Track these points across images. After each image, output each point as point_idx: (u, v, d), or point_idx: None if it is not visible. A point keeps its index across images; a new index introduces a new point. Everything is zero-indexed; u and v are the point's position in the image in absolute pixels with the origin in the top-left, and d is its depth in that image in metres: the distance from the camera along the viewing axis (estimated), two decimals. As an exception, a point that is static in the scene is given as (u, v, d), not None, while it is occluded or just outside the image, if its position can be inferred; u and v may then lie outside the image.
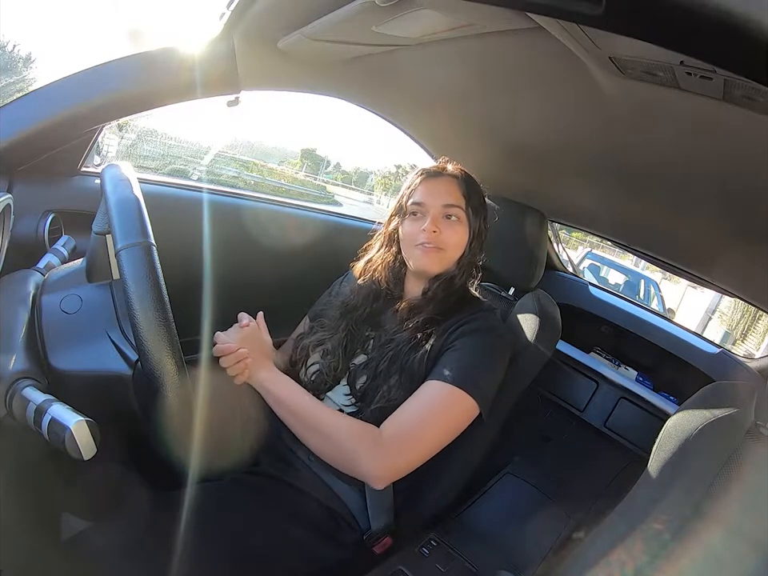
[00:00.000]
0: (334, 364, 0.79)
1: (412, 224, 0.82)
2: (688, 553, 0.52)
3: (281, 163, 7.15)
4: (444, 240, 0.80)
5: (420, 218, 0.81)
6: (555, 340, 1.04)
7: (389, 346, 0.78)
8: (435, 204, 0.80)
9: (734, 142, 0.61)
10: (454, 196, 0.81)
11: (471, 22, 0.59)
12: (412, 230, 0.81)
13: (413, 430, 0.69)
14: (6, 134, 0.67)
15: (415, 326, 0.78)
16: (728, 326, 6.20)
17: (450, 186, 0.82)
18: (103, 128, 0.85)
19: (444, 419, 0.71)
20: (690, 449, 0.61)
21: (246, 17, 0.70)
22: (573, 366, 1.55)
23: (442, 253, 0.80)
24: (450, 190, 0.82)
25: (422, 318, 0.79)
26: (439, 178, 0.83)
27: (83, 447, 0.47)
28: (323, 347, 0.82)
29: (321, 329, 0.86)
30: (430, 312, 0.79)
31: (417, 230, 0.80)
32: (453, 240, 0.81)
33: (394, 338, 0.79)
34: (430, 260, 0.80)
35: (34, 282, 0.63)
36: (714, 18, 0.26)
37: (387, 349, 0.78)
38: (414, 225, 0.81)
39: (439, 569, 0.72)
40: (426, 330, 0.78)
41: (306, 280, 1.00)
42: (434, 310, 0.80)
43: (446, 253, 0.81)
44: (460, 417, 0.72)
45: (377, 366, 0.77)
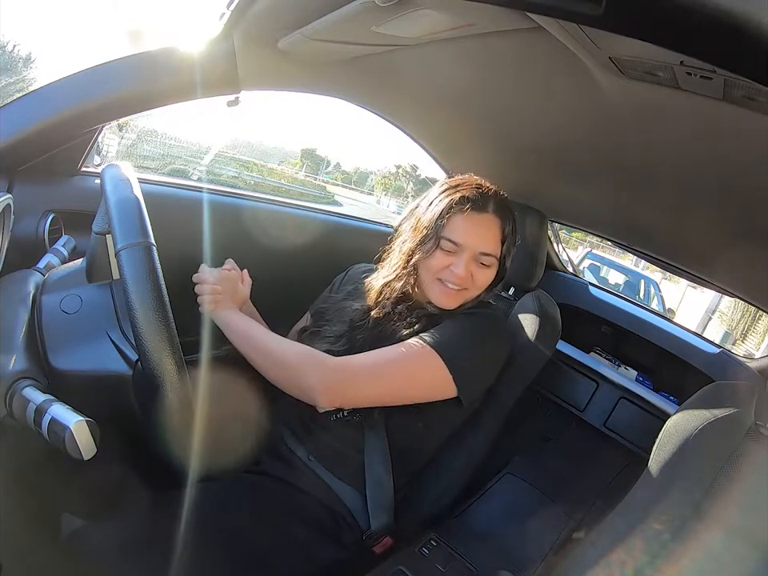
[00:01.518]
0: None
1: (441, 258, 0.76)
2: (688, 553, 0.52)
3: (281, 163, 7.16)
4: (470, 282, 0.78)
5: (451, 255, 0.76)
6: (555, 340, 1.04)
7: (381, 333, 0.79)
8: (474, 247, 0.75)
9: (734, 141, 0.61)
10: (494, 242, 0.77)
11: (471, 22, 0.59)
12: (440, 264, 0.76)
13: (369, 361, 0.71)
14: (6, 133, 0.67)
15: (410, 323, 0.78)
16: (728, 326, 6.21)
17: (493, 228, 0.77)
18: (103, 128, 0.85)
19: (406, 367, 0.71)
20: (690, 449, 0.61)
21: (246, 17, 0.70)
22: (573, 366, 1.55)
23: (464, 292, 0.78)
24: (492, 233, 0.77)
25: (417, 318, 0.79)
26: (483, 216, 0.76)
27: (83, 447, 0.47)
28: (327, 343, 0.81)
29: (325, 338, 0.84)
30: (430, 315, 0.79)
31: (445, 266, 0.76)
32: (479, 283, 0.79)
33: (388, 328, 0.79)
34: (449, 299, 0.78)
35: (34, 282, 0.63)
36: (714, 18, 0.26)
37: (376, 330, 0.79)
38: (444, 260, 0.76)
39: (439, 569, 0.72)
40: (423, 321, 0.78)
41: (305, 280, 1.00)
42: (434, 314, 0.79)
43: (468, 292, 0.79)
44: (425, 374, 0.72)
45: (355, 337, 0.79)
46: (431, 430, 0.80)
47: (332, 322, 0.86)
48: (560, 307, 1.09)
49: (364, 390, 0.70)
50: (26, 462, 0.57)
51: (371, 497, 0.75)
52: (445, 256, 0.76)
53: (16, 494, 0.53)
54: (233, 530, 0.66)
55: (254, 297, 1.16)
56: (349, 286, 0.93)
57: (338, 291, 0.94)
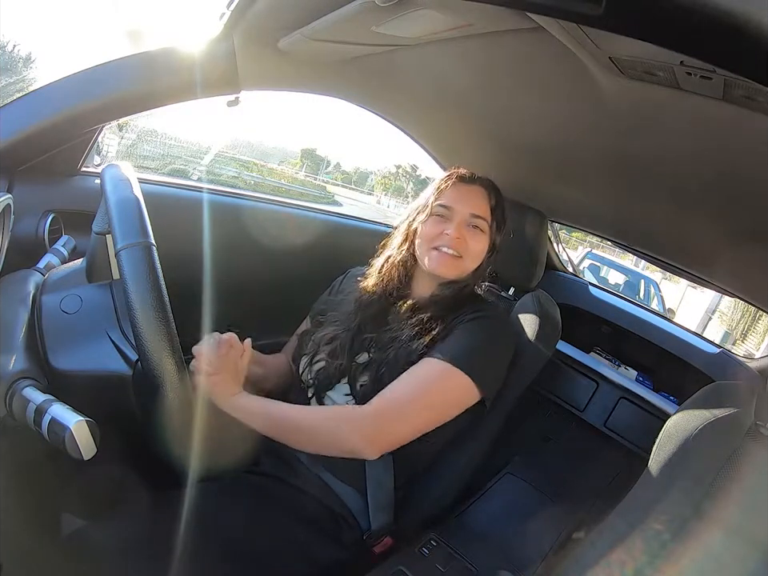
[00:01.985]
0: (339, 362, 0.79)
1: (434, 225, 0.80)
2: (688, 553, 0.52)
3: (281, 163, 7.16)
4: (465, 247, 0.79)
5: (444, 221, 0.80)
6: (555, 340, 1.04)
7: (390, 346, 0.77)
8: (463, 211, 0.80)
9: (734, 141, 0.61)
10: (483, 207, 0.81)
11: (471, 22, 0.59)
12: (433, 230, 0.80)
13: (399, 400, 0.70)
14: (6, 133, 0.67)
15: (417, 324, 0.78)
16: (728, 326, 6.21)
17: (481, 195, 0.82)
18: (103, 128, 0.85)
19: (434, 393, 0.71)
20: (690, 449, 0.61)
21: (246, 17, 0.70)
22: (573, 366, 1.55)
23: (460, 261, 0.80)
24: (480, 199, 0.82)
25: (426, 317, 0.78)
26: (471, 186, 0.83)
27: (83, 447, 0.47)
28: (331, 346, 0.81)
29: (332, 324, 0.85)
30: (434, 311, 0.79)
31: (438, 231, 0.79)
32: (474, 250, 0.80)
33: (395, 336, 0.78)
34: (446, 266, 0.79)
35: (34, 282, 0.63)
36: (714, 18, 0.26)
37: (389, 349, 0.77)
38: (437, 226, 0.80)
39: (439, 569, 0.72)
40: (428, 326, 0.77)
41: (305, 280, 1.00)
42: (438, 309, 0.79)
43: (464, 261, 0.80)
44: (453, 393, 0.72)
45: (378, 367, 0.76)
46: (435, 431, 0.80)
47: (332, 322, 0.86)
48: (560, 307, 1.09)
49: (404, 429, 0.70)
50: (26, 462, 0.57)
51: (371, 497, 0.75)
52: (438, 222, 0.80)
53: (16, 493, 0.53)
54: (233, 530, 0.66)
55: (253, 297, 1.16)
56: (347, 287, 0.93)
57: (338, 293, 0.94)
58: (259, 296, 1.16)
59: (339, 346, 0.80)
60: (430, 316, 0.78)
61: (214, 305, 0.81)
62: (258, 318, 1.12)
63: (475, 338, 0.75)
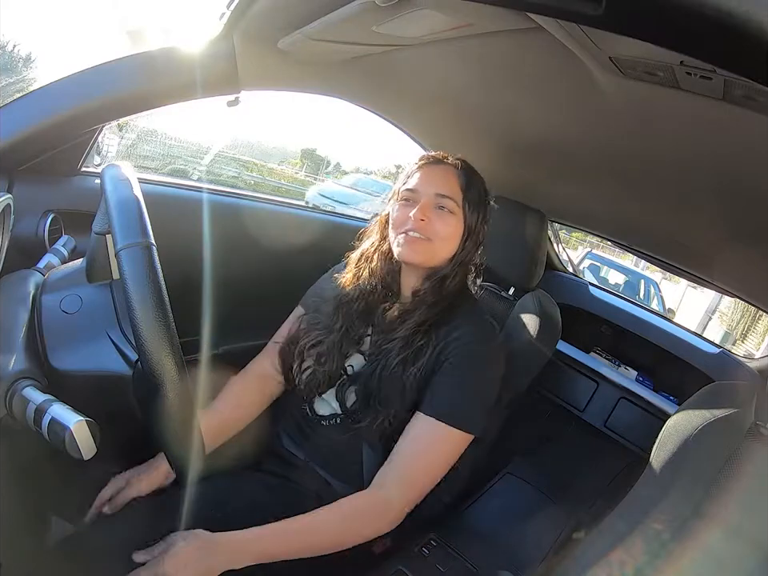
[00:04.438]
0: (330, 367, 0.77)
1: (401, 210, 0.76)
2: (688, 553, 0.52)
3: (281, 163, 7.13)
4: (431, 230, 0.74)
5: (411, 204, 0.76)
6: (555, 340, 1.04)
7: (379, 359, 0.74)
8: (428, 192, 0.75)
9: (734, 141, 0.61)
10: (450, 186, 0.76)
11: (471, 22, 0.59)
12: (400, 215, 0.76)
13: (418, 477, 0.70)
14: (6, 133, 0.67)
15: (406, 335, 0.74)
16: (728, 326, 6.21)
17: (448, 175, 0.77)
18: (103, 128, 0.85)
19: (444, 458, 0.71)
20: (690, 449, 0.61)
21: (246, 17, 0.70)
22: (573, 366, 1.55)
23: (428, 244, 0.74)
24: (447, 179, 0.77)
25: (413, 324, 0.74)
26: (438, 166, 0.78)
27: (83, 447, 0.47)
28: (318, 350, 0.79)
29: (315, 327, 0.82)
30: (421, 316, 0.74)
31: (405, 216, 0.75)
32: (442, 231, 0.74)
33: (384, 348, 0.75)
34: (413, 250, 0.74)
35: (34, 281, 0.63)
36: (714, 18, 0.26)
37: (377, 363, 0.74)
38: (403, 211, 0.76)
39: (439, 569, 0.72)
40: (418, 341, 0.73)
41: (306, 280, 1.00)
42: (425, 313, 0.75)
43: (433, 244, 0.74)
44: (458, 451, 0.72)
45: (366, 384, 0.74)
46: None
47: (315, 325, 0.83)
48: (560, 307, 1.09)
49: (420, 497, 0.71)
50: (26, 462, 0.57)
51: None
52: (405, 207, 0.76)
53: (16, 494, 0.53)
54: (232, 530, 0.66)
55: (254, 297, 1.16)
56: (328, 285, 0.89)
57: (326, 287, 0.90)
58: (259, 295, 1.16)
59: (326, 350, 0.78)
60: (418, 323, 0.74)
61: (214, 305, 0.81)
62: (258, 318, 1.11)
63: (469, 379, 0.72)
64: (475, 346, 0.73)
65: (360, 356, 0.79)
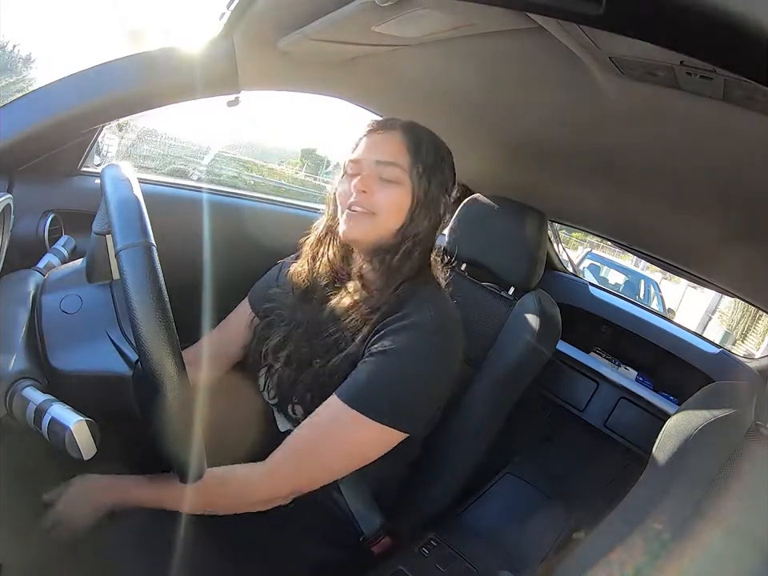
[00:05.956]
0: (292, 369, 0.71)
1: (344, 183, 0.69)
2: (688, 553, 0.52)
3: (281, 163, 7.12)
4: (374, 202, 0.66)
5: (353, 176, 0.68)
6: (555, 340, 1.04)
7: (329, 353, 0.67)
8: (369, 160, 0.67)
9: (734, 142, 0.61)
10: (393, 152, 0.68)
11: (471, 22, 0.59)
12: (344, 190, 0.69)
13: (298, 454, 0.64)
14: (6, 133, 0.67)
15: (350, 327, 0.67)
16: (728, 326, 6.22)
17: (392, 140, 0.69)
18: (103, 128, 0.85)
19: (353, 451, 0.64)
20: (690, 449, 0.61)
21: (246, 17, 0.70)
22: (573, 365, 1.55)
23: (372, 218, 0.67)
24: (390, 145, 0.68)
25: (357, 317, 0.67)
26: (384, 133, 0.70)
27: (83, 447, 0.47)
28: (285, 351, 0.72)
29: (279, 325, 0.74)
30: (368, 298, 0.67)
31: (348, 191, 0.68)
32: (385, 202, 0.67)
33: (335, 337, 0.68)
34: (355, 225, 0.67)
35: (34, 281, 0.63)
36: (714, 18, 0.26)
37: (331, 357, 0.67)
38: (346, 185, 0.69)
39: (439, 569, 0.72)
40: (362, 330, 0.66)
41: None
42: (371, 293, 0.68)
43: (378, 218, 0.67)
44: (375, 445, 0.64)
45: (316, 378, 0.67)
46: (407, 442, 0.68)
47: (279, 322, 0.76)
48: (560, 307, 1.09)
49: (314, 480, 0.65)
50: (26, 462, 0.57)
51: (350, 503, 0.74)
52: (348, 180, 0.69)
53: (16, 494, 0.53)
54: (232, 530, 0.66)
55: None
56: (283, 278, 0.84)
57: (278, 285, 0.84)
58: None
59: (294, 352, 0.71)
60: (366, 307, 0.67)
61: (214, 305, 0.81)
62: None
63: (395, 371, 0.62)
64: (414, 333, 0.64)
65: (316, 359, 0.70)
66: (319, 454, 0.64)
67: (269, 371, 0.74)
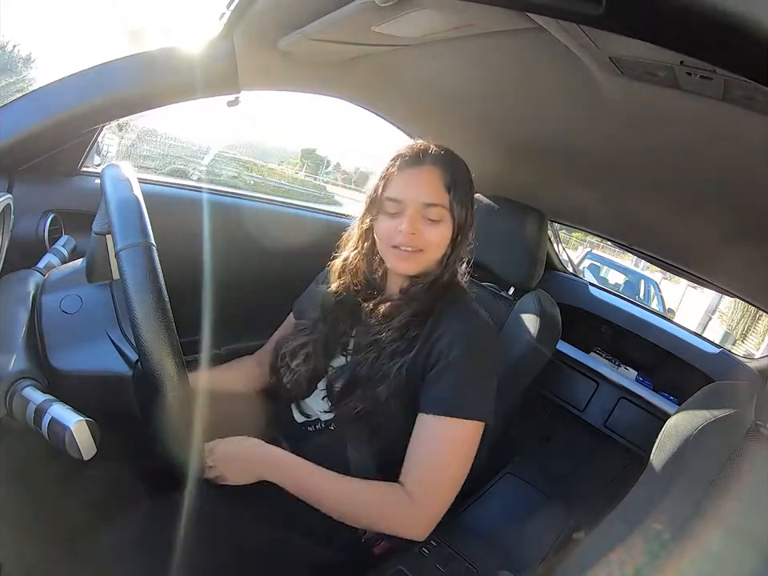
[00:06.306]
0: (314, 366, 0.77)
1: (388, 222, 0.73)
2: (688, 553, 0.52)
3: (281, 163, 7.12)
4: (423, 242, 0.72)
5: (396, 216, 0.72)
6: (555, 340, 1.04)
7: (370, 349, 0.73)
8: (414, 201, 0.71)
9: (734, 141, 0.61)
10: (436, 191, 0.72)
11: (471, 22, 0.59)
12: (388, 228, 0.73)
13: (438, 477, 0.68)
14: (6, 133, 0.67)
15: (397, 327, 0.73)
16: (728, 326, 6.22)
17: (432, 177, 0.72)
18: (103, 128, 0.85)
19: (463, 453, 0.70)
20: (690, 449, 0.61)
21: (246, 17, 0.70)
22: (573, 365, 1.55)
23: (420, 254, 0.73)
24: (432, 182, 0.72)
25: (403, 318, 0.73)
26: (418, 167, 0.72)
27: (83, 447, 0.47)
28: (305, 351, 0.79)
29: (301, 332, 0.82)
30: (412, 310, 0.74)
31: (393, 229, 0.72)
32: (433, 241, 0.73)
33: (375, 339, 0.73)
34: (408, 264, 0.73)
35: (34, 281, 0.63)
36: (714, 18, 0.26)
37: (369, 351, 0.73)
38: (390, 223, 0.72)
39: (439, 569, 0.72)
40: (409, 334, 0.72)
41: (306, 280, 1.00)
42: (413, 309, 0.74)
43: (426, 254, 0.73)
44: (475, 443, 0.71)
45: (355, 369, 0.73)
46: None
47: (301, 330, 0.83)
48: (560, 307, 1.09)
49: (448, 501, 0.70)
50: (26, 462, 0.57)
51: None
52: (390, 219, 0.73)
53: (16, 494, 0.53)
54: (231, 531, 0.66)
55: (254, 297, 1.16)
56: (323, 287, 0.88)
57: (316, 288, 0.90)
58: (259, 296, 1.16)
59: (312, 351, 0.78)
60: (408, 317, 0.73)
61: (214, 305, 0.81)
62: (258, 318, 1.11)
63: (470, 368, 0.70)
64: (468, 336, 0.71)
65: (343, 357, 0.78)
66: (448, 472, 0.69)
67: (287, 367, 0.79)
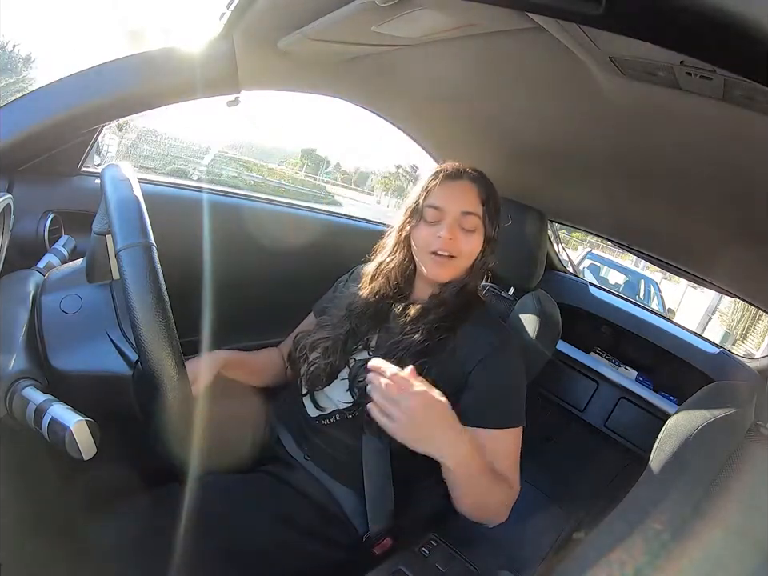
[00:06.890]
0: (333, 360, 0.78)
1: (427, 229, 0.79)
2: (688, 553, 0.52)
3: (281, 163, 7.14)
4: (458, 248, 0.78)
5: (435, 223, 0.78)
6: (555, 340, 1.04)
7: (397, 346, 0.75)
8: (453, 210, 0.78)
9: (734, 141, 0.61)
10: (473, 202, 0.79)
11: (471, 22, 0.59)
12: (427, 235, 0.79)
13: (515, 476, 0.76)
14: (6, 133, 0.67)
15: (427, 329, 0.76)
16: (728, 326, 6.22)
17: (470, 190, 0.80)
18: (103, 128, 0.85)
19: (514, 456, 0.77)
20: (690, 449, 0.61)
21: (246, 17, 0.70)
22: (573, 366, 1.55)
23: (455, 261, 0.79)
24: (469, 195, 0.79)
25: (431, 322, 0.77)
26: (458, 182, 0.80)
27: (83, 447, 0.47)
28: (325, 345, 0.81)
29: (323, 328, 0.84)
30: (439, 315, 0.78)
31: (432, 236, 0.78)
32: (467, 249, 0.79)
33: (403, 339, 0.76)
34: (444, 269, 0.79)
35: (34, 281, 0.63)
36: (714, 18, 0.26)
37: (395, 348, 0.75)
38: (430, 230, 0.79)
39: (439, 569, 0.72)
40: (438, 336, 0.76)
41: (306, 280, 1.00)
42: (442, 312, 0.78)
43: (459, 261, 0.79)
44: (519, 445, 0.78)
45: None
46: None
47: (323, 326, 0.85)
48: (560, 307, 1.10)
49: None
50: (26, 462, 0.57)
51: (371, 500, 0.74)
52: (430, 226, 0.79)
53: (16, 494, 0.53)
54: (231, 530, 0.66)
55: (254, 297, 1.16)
56: (352, 285, 0.92)
57: (342, 291, 0.93)
58: (259, 296, 1.16)
59: (332, 345, 0.79)
60: (436, 321, 0.77)
61: (214, 305, 0.81)
62: (258, 318, 1.12)
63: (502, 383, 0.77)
64: (499, 347, 0.77)
65: (365, 352, 0.80)
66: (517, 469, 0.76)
67: (305, 362, 0.81)
